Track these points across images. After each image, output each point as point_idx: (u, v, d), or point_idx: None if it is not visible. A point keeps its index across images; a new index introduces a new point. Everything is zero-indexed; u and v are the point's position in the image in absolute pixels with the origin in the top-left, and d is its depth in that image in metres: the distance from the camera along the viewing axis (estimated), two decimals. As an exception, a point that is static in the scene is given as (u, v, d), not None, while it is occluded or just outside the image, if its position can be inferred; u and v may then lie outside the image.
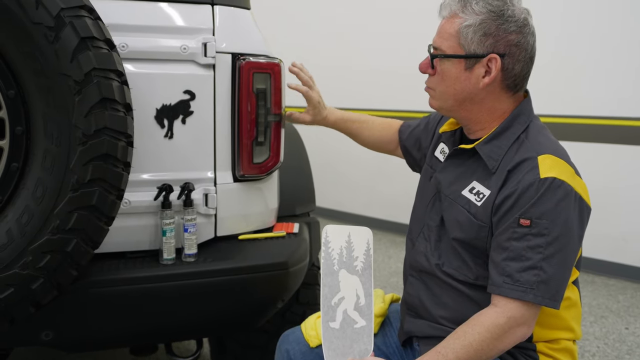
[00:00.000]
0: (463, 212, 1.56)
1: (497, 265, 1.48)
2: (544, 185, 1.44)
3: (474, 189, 1.56)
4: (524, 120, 1.57)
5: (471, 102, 1.57)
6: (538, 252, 1.43)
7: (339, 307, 1.55)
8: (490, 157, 1.54)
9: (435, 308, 1.62)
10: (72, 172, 1.53)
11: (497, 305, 1.47)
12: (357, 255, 1.58)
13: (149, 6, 1.93)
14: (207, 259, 1.94)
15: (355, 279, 1.57)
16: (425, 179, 1.79)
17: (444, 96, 1.59)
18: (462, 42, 1.51)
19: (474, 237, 1.54)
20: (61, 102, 1.52)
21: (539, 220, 1.43)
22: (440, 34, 1.56)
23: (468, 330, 1.45)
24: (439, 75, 1.58)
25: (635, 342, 3.49)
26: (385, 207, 5.64)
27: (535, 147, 1.52)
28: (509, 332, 1.44)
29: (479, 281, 1.56)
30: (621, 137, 4.36)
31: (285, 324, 2.33)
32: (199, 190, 1.98)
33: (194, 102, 1.94)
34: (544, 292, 1.43)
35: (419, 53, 1.71)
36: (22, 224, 1.55)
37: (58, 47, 1.49)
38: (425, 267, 1.65)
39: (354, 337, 1.54)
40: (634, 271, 4.44)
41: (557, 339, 1.61)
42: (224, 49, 1.96)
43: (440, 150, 1.78)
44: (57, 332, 1.81)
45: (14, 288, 1.54)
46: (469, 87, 1.54)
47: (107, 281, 1.81)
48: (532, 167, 1.47)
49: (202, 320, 1.97)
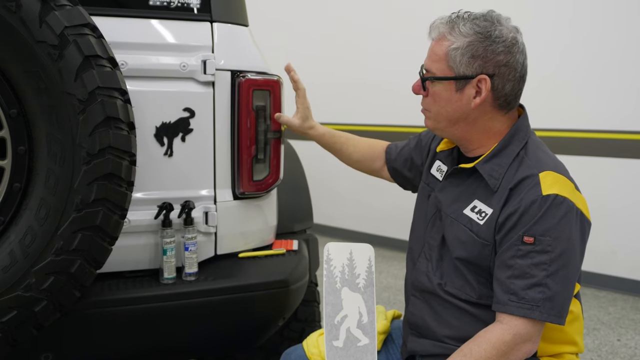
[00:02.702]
0: (465, 231, 1.56)
1: (501, 283, 1.48)
2: (546, 203, 1.45)
3: (475, 208, 1.56)
4: (521, 137, 1.58)
5: (465, 122, 1.58)
6: (542, 269, 1.44)
7: (342, 325, 1.55)
8: (492, 175, 1.54)
9: (439, 328, 1.62)
10: (76, 192, 1.51)
11: (502, 322, 1.47)
12: (359, 273, 1.58)
13: (148, 24, 1.92)
14: (207, 277, 1.93)
15: (357, 297, 1.57)
16: (423, 197, 1.79)
17: (437, 117, 1.61)
18: (451, 64, 1.52)
19: (477, 256, 1.54)
20: (65, 121, 1.51)
21: (543, 237, 1.44)
22: (430, 57, 1.58)
23: (474, 347, 1.45)
24: (432, 97, 1.59)
25: (627, 354, 3.51)
26: (375, 221, 5.64)
27: (535, 164, 1.53)
28: (515, 349, 1.45)
29: (483, 300, 1.56)
30: (610, 150, 4.40)
31: (284, 341, 2.32)
32: (199, 208, 1.96)
33: (193, 119, 1.93)
34: (549, 309, 1.44)
35: (414, 71, 1.72)
36: (25, 245, 1.53)
37: (62, 66, 1.48)
38: (428, 287, 1.65)
39: (358, 355, 1.53)
40: (623, 283, 4.47)
41: (561, 353, 1.62)
42: (223, 66, 1.96)
43: (436, 168, 1.78)
44: (56, 353, 1.78)
45: (16, 310, 1.52)
46: (461, 108, 1.55)
47: (108, 301, 1.79)
48: (534, 185, 1.48)
49: (203, 339, 1.95)
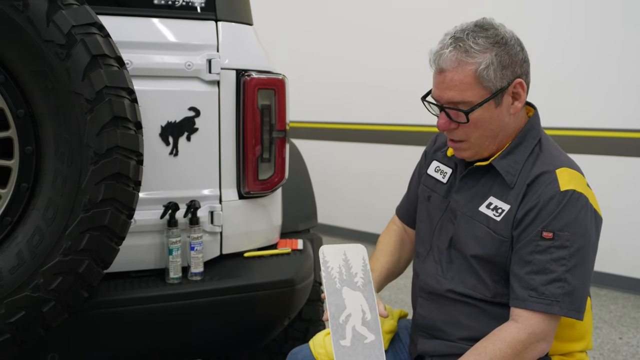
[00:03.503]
0: (482, 228, 1.56)
1: (520, 279, 1.48)
2: (565, 198, 1.46)
3: (491, 205, 1.56)
4: (535, 134, 1.59)
5: (502, 131, 1.55)
6: (562, 264, 1.44)
7: (347, 324, 1.55)
8: (508, 172, 1.55)
9: (451, 329, 1.62)
10: (83, 192, 1.51)
11: (517, 320, 1.47)
12: (355, 272, 1.58)
13: (153, 23, 1.91)
14: (213, 277, 1.93)
15: (358, 295, 1.57)
16: (424, 200, 1.79)
17: (480, 141, 1.55)
18: (487, 84, 1.47)
19: (494, 254, 1.54)
20: (72, 121, 1.50)
21: (562, 232, 1.45)
22: (455, 87, 1.49)
23: (489, 345, 1.45)
24: (472, 125, 1.51)
25: (629, 352, 3.51)
26: (375, 220, 5.63)
27: (551, 160, 1.54)
28: (529, 348, 1.45)
29: (497, 298, 1.56)
30: (611, 149, 4.41)
31: (288, 341, 2.32)
32: (204, 207, 1.96)
33: (198, 119, 1.93)
34: (568, 304, 1.44)
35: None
36: (32, 246, 1.52)
37: (69, 65, 1.47)
38: (436, 289, 1.65)
39: (366, 352, 1.53)
40: (624, 281, 4.47)
41: (571, 351, 1.62)
42: (228, 65, 1.95)
43: (434, 168, 1.78)
44: (62, 353, 1.77)
45: (25, 311, 1.51)
46: (502, 120, 1.53)
47: (114, 301, 1.79)
48: (551, 181, 1.48)
49: (208, 339, 1.94)
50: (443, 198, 1.72)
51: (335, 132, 6.07)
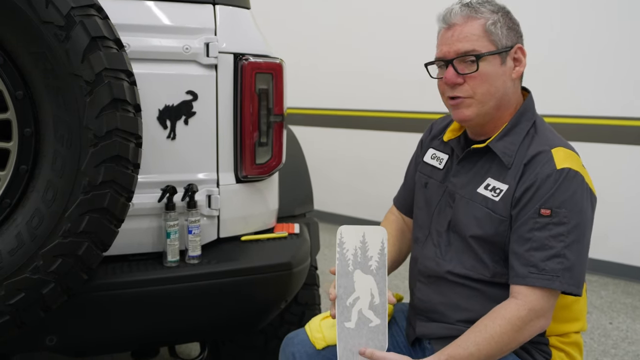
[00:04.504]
0: (481, 209, 1.59)
1: (520, 256, 1.51)
2: (561, 176, 1.50)
3: (489, 186, 1.59)
4: (530, 116, 1.63)
5: (505, 97, 1.60)
6: (560, 240, 1.47)
7: (354, 307, 1.55)
8: (505, 153, 1.58)
9: (450, 311, 1.64)
10: (83, 174, 1.50)
11: (517, 297, 1.49)
12: (371, 255, 1.58)
13: (151, 6, 1.91)
14: (211, 260, 1.93)
15: (369, 279, 1.57)
16: (420, 186, 1.82)
17: (485, 98, 1.58)
18: (494, 39, 1.55)
19: (494, 233, 1.57)
20: (72, 103, 1.49)
21: (559, 209, 1.48)
22: (465, 39, 1.55)
23: (489, 323, 1.47)
24: (479, 78, 1.56)
25: (619, 337, 3.55)
26: (368, 207, 5.65)
27: (546, 140, 1.58)
28: (529, 324, 1.47)
29: (496, 278, 1.58)
30: (602, 136, 4.43)
31: (284, 325, 2.33)
32: (202, 191, 1.96)
33: (196, 102, 1.93)
34: (568, 278, 1.47)
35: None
36: (32, 228, 1.52)
37: (69, 47, 1.47)
38: (436, 272, 1.67)
39: (370, 335, 1.54)
40: (614, 267, 4.51)
41: (567, 332, 1.65)
42: (225, 49, 1.95)
43: (430, 155, 1.81)
44: (61, 336, 1.78)
45: (24, 293, 1.51)
46: (506, 82, 1.59)
47: (112, 284, 1.79)
48: (547, 160, 1.53)
49: (206, 322, 1.95)
50: (440, 183, 1.74)
51: (328, 118, 6.06)
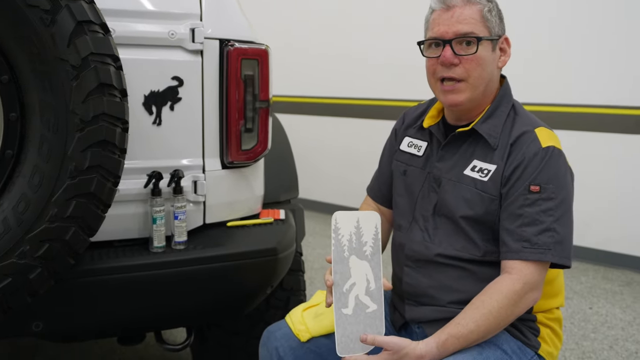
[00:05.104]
0: (470, 190, 1.63)
1: (512, 232, 1.55)
2: (547, 154, 1.56)
3: (476, 167, 1.64)
4: (508, 99, 1.70)
5: (490, 84, 1.66)
6: (550, 214, 1.53)
7: (351, 293, 1.56)
8: (490, 134, 1.63)
9: (440, 294, 1.66)
10: (69, 159, 1.50)
11: (511, 272, 1.54)
12: (366, 240, 1.59)
13: (136, -9, 1.90)
14: (197, 246, 1.94)
15: (365, 264, 1.58)
16: (399, 175, 1.84)
17: (478, 81, 1.62)
18: (489, 26, 1.61)
19: (484, 213, 1.61)
20: (58, 88, 1.48)
21: (547, 185, 1.54)
22: (465, 21, 1.59)
23: (486, 299, 1.51)
24: (475, 61, 1.59)
25: (599, 321, 3.61)
26: (354, 195, 5.66)
27: (527, 121, 1.65)
28: (524, 298, 1.52)
29: (487, 257, 1.63)
30: (584, 124, 4.49)
31: (270, 310, 2.34)
32: (188, 177, 1.96)
33: (182, 88, 1.93)
34: (560, 251, 1.53)
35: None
36: (18, 212, 1.51)
37: (55, 31, 1.46)
38: (425, 256, 1.69)
39: (367, 321, 1.55)
40: (594, 253, 4.58)
41: (550, 308, 1.71)
42: (211, 35, 1.95)
43: (407, 144, 1.85)
44: (47, 322, 1.78)
45: (11, 278, 1.50)
46: (493, 69, 1.65)
47: (98, 270, 1.79)
48: (532, 139, 1.59)
49: (193, 307, 1.96)
50: (421, 170, 1.76)
51: (314, 106, 6.06)
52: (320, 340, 1.76)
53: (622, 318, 3.67)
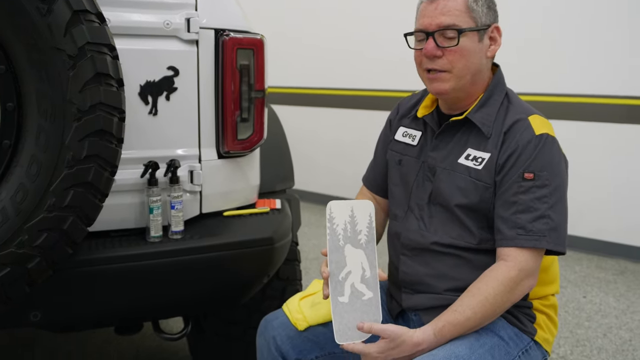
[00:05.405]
0: (464, 178, 1.63)
1: (506, 220, 1.56)
2: (540, 142, 1.57)
3: (470, 156, 1.64)
4: (502, 88, 1.70)
5: (479, 74, 1.66)
6: (544, 202, 1.54)
7: (347, 281, 1.57)
8: (484, 123, 1.64)
9: (436, 281, 1.67)
10: (67, 148, 1.50)
11: (507, 259, 1.55)
12: (360, 229, 1.60)
13: (131, -19, 1.89)
14: (194, 235, 1.94)
15: (360, 252, 1.59)
16: (394, 164, 1.85)
17: (462, 72, 1.62)
18: (474, 15, 1.59)
19: (479, 201, 1.62)
20: (55, 77, 1.49)
21: (541, 172, 1.55)
22: (448, 13, 1.58)
23: (482, 286, 1.53)
24: (458, 53, 1.60)
25: (593, 310, 3.64)
26: (346, 187, 5.68)
27: (521, 109, 1.65)
28: (520, 284, 1.54)
29: (483, 245, 1.63)
30: (578, 114, 4.51)
31: (266, 299, 2.35)
32: (184, 167, 1.97)
33: (177, 78, 1.93)
34: (555, 238, 1.54)
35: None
36: (16, 202, 1.51)
37: (51, 21, 1.46)
38: (421, 244, 1.70)
39: (364, 309, 1.56)
40: (588, 243, 4.61)
41: (546, 295, 1.73)
42: (206, 25, 1.95)
43: (402, 133, 1.85)
44: (45, 312, 1.78)
45: (10, 267, 1.51)
46: (481, 59, 1.64)
47: (96, 260, 1.79)
48: (526, 127, 1.60)
49: (190, 296, 1.97)
50: (416, 159, 1.77)
51: (306, 97, 6.06)
52: (317, 329, 1.76)
53: (615, 306, 3.70)
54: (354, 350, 1.54)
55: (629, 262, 4.48)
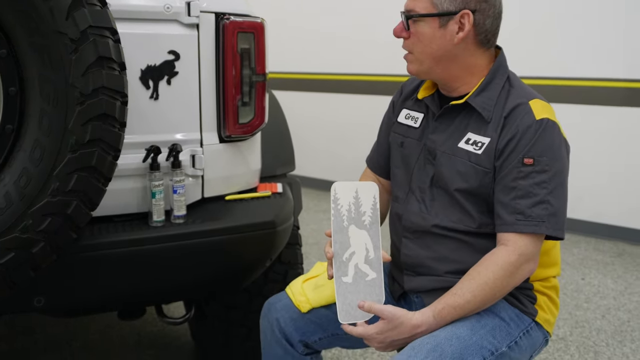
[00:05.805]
0: (464, 163, 1.63)
1: (506, 205, 1.56)
2: (541, 126, 1.55)
3: (470, 140, 1.64)
4: (503, 72, 1.68)
5: (447, 59, 1.63)
6: (543, 187, 1.53)
7: (350, 261, 1.58)
8: (484, 107, 1.62)
9: (438, 264, 1.68)
10: (70, 132, 1.50)
11: (506, 244, 1.55)
12: (364, 210, 1.61)
13: (131, -37, 1.88)
14: (196, 220, 1.95)
15: (364, 234, 1.60)
16: (396, 146, 1.84)
17: (421, 56, 1.64)
18: (435, 2, 1.58)
19: (478, 185, 1.61)
20: (57, 61, 1.48)
21: (541, 157, 1.54)
22: None
23: (482, 270, 1.53)
24: (415, 37, 1.62)
25: (591, 291, 3.66)
26: (346, 171, 5.68)
27: (522, 93, 1.64)
28: (520, 269, 1.54)
29: (482, 229, 1.63)
30: (577, 97, 4.51)
31: (268, 284, 2.36)
32: (186, 151, 1.97)
33: (178, 62, 1.92)
34: (554, 223, 1.54)
35: (391, 21, 1.74)
36: (20, 187, 1.51)
37: (52, 4, 1.45)
38: (422, 226, 1.70)
39: (367, 289, 1.57)
40: (586, 226, 4.63)
41: (547, 277, 1.73)
42: (206, 9, 1.94)
43: (405, 116, 1.84)
44: (49, 297, 1.79)
45: (14, 252, 1.51)
46: (445, 45, 1.61)
47: (99, 244, 1.80)
48: (526, 111, 1.58)
49: (192, 281, 1.98)
50: (417, 141, 1.76)
51: (306, 82, 6.05)
52: (320, 311, 1.77)
53: (613, 288, 3.72)
54: (352, 332, 1.55)
55: (627, 244, 4.51)
